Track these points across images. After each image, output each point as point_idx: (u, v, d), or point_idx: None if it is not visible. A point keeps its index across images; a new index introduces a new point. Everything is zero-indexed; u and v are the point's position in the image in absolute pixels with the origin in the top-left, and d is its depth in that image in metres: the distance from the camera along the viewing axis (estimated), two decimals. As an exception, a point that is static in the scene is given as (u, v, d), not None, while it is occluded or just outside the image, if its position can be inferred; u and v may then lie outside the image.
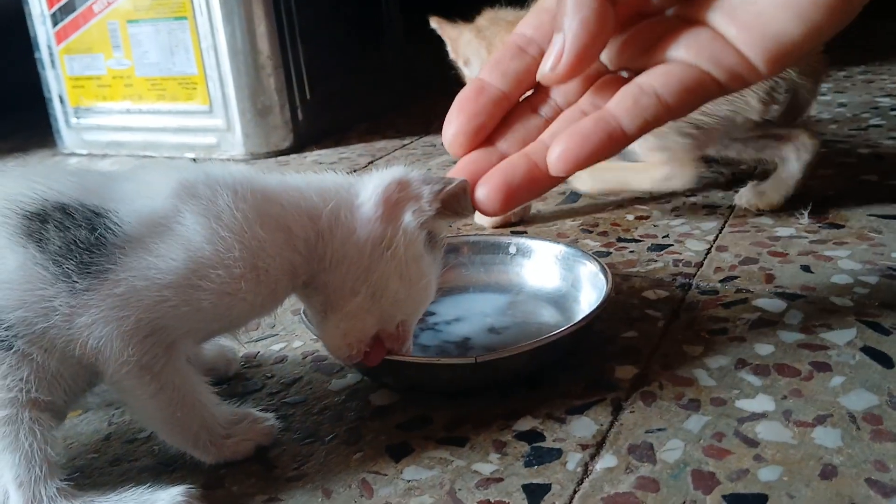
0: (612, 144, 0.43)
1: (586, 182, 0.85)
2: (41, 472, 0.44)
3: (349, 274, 0.50)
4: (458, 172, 0.47)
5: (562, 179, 0.45)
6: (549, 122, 0.47)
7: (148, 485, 0.46)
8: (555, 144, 0.43)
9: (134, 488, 0.45)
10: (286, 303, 0.52)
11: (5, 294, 0.43)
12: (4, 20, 1.63)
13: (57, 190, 0.45)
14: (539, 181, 0.45)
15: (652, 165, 0.81)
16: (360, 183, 0.51)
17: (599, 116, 0.43)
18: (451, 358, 0.57)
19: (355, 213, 0.49)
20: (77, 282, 0.43)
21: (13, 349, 0.43)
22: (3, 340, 0.43)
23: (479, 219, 0.84)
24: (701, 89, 0.43)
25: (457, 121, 0.47)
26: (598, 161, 0.43)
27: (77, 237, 0.44)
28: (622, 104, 0.43)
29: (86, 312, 0.44)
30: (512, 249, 0.68)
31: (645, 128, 0.43)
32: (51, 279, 0.43)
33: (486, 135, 0.47)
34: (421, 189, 0.49)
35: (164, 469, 0.50)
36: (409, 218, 0.49)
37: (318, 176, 0.52)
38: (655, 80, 0.43)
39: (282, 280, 0.48)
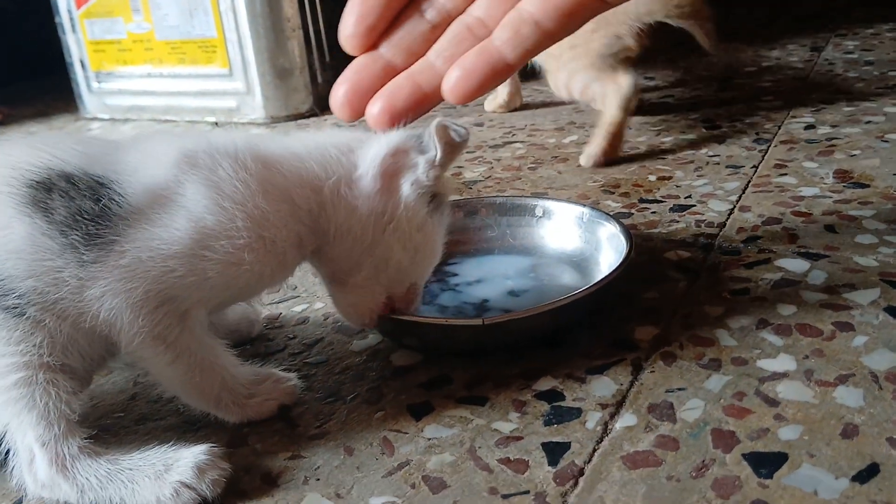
0: (498, 75, 0.47)
1: (588, 157, 0.86)
2: (60, 430, 0.45)
3: (353, 248, 0.50)
4: (344, 81, 0.49)
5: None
6: (434, 28, 0.49)
7: (171, 443, 0.47)
8: (446, 78, 0.47)
9: (158, 447, 0.45)
10: (307, 265, 0.53)
11: (15, 263, 0.44)
12: (24, -15, 1.63)
13: (61, 159, 0.45)
14: (423, 103, 0.49)
15: (605, 96, 0.87)
16: (361, 148, 0.50)
17: (483, 48, 0.47)
18: (459, 319, 0.57)
19: (355, 187, 0.49)
20: (84, 253, 0.44)
21: (25, 315, 0.44)
22: (15, 307, 0.44)
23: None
24: (581, 9, 0.46)
25: (350, 21, 0.49)
26: (491, 89, 0.48)
27: (82, 207, 0.44)
28: (504, 35, 0.46)
29: (94, 285, 0.44)
30: (538, 212, 0.67)
31: (527, 56, 0.47)
32: (58, 250, 0.44)
33: (378, 35, 0.49)
34: (416, 160, 0.49)
35: (188, 427, 0.50)
36: (407, 190, 0.50)
37: (319, 139, 0.51)
38: (534, 7, 0.46)
39: (289, 250, 0.49)
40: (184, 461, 0.44)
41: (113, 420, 0.52)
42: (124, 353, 0.47)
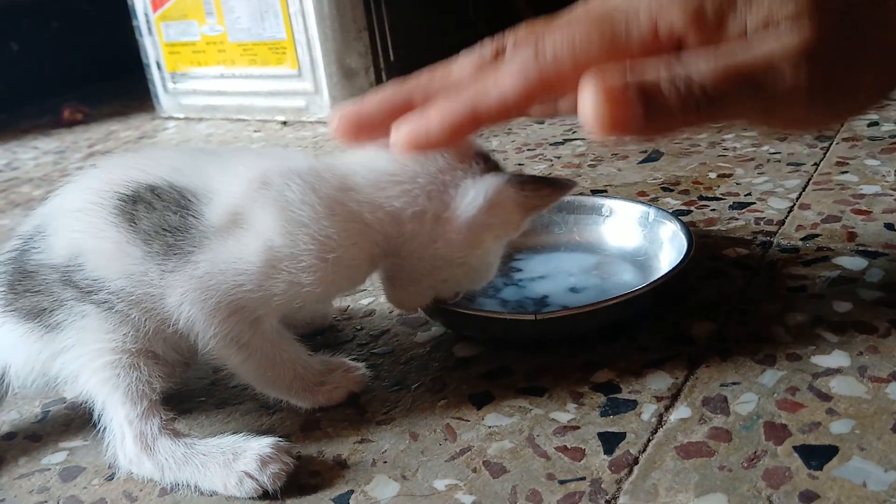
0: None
1: None
2: (143, 409, 0.49)
3: (420, 269, 0.52)
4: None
5: None
6: None
7: (249, 427, 0.50)
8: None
9: (232, 434, 0.49)
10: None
11: (106, 265, 0.48)
12: (104, -11, 1.70)
13: (150, 172, 0.50)
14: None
15: None
16: (456, 187, 0.49)
17: None
18: (514, 313, 0.60)
19: (441, 226, 0.49)
20: (163, 262, 0.48)
21: (115, 309, 0.49)
22: (105, 301, 0.49)
23: None
24: None
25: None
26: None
27: (165, 219, 0.48)
28: None
29: (173, 293, 0.48)
30: (605, 211, 0.69)
31: None
32: (141, 256, 0.48)
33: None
34: (512, 216, 0.50)
35: (265, 412, 0.54)
36: (491, 242, 0.51)
37: (411, 168, 0.50)
38: None
39: (360, 266, 0.51)
40: (250, 452, 0.47)
41: (195, 404, 0.56)
42: (203, 350, 0.50)
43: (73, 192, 0.52)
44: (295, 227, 0.47)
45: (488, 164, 0.51)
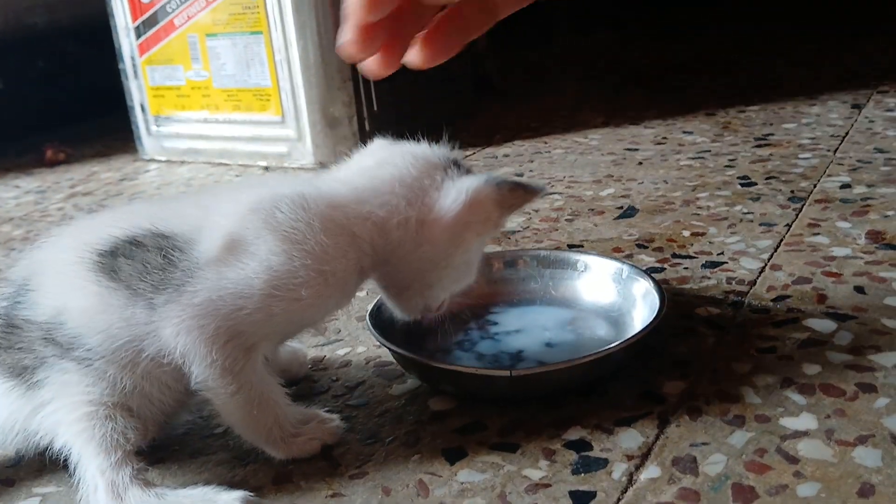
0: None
1: None
2: (115, 459, 0.49)
3: (408, 274, 0.55)
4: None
5: None
6: None
7: (222, 478, 0.50)
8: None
9: (203, 486, 0.49)
10: (351, 309, 0.56)
11: (86, 322, 0.50)
12: (91, 32, 1.71)
13: (128, 227, 0.51)
14: None
15: None
16: (435, 190, 0.53)
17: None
18: (488, 369, 0.60)
19: (425, 229, 0.53)
20: (153, 298, 0.49)
21: (93, 366, 0.50)
22: (85, 359, 0.50)
23: None
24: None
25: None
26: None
27: (147, 261, 0.49)
28: None
29: (169, 324, 0.49)
30: (581, 266, 0.70)
31: None
32: (125, 301, 0.49)
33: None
34: (491, 212, 0.54)
35: (238, 463, 0.54)
36: (473, 240, 0.54)
37: (386, 175, 0.53)
38: None
39: (350, 278, 0.53)
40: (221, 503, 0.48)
41: (168, 453, 0.56)
42: (196, 383, 0.50)
43: (54, 250, 0.53)
44: (289, 245, 0.49)
45: (461, 169, 0.55)
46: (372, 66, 0.51)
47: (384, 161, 0.54)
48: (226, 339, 0.49)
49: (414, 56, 0.51)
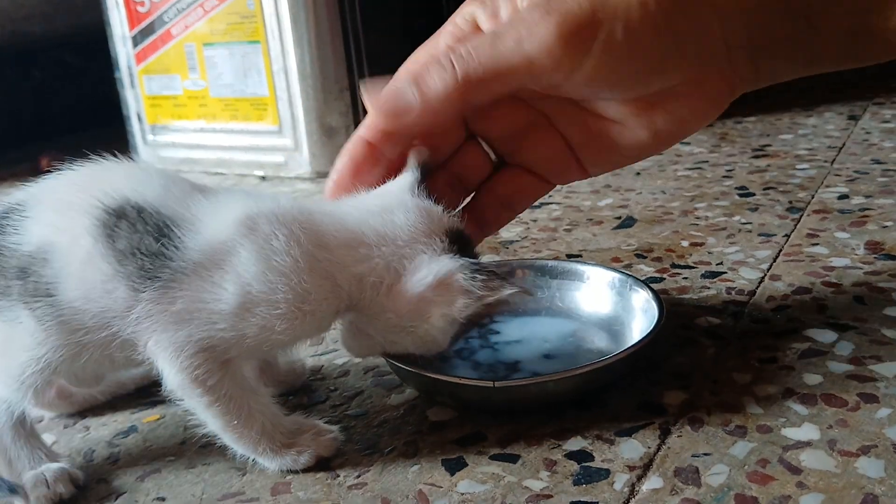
0: None
1: None
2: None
3: (375, 327, 0.53)
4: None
5: None
6: None
7: (219, 488, 0.49)
8: None
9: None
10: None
11: (67, 270, 0.48)
12: (88, 41, 1.71)
13: (139, 190, 0.50)
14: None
15: None
16: (412, 258, 0.51)
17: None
18: (472, 380, 0.59)
19: (392, 295, 0.51)
20: (138, 284, 0.48)
21: (47, 326, 0.49)
22: (44, 317, 0.49)
23: None
24: (537, 194, 0.59)
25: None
26: None
27: (145, 243, 0.48)
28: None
29: (144, 321, 0.48)
30: (586, 277, 0.70)
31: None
32: (112, 273, 0.48)
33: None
34: (457, 299, 0.51)
35: (235, 472, 0.53)
36: (437, 319, 0.52)
37: (379, 226, 0.51)
38: (508, 191, 0.58)
39: (326, 318, 0.52)
40: None
41: (164, 463, 0.55)
42: (168, 391, 0.50)
43: (66, 184, 0.52)
44: (275, 276, 0.48)
45: (457, 243, 0.52)
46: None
47: (387, 210, 0.52)
48: (195, 350, 0.48)
49: None
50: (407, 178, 0.54)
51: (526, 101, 0.56)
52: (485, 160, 0.58)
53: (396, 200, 0.53)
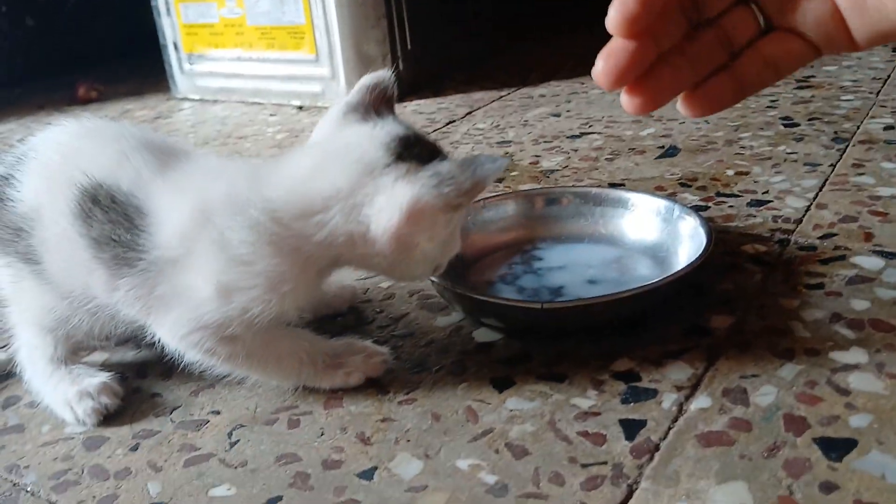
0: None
1: None
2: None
3: (375, 268, 0.51)
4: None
5: None
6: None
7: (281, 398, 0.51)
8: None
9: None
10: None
11: (50, 242, 0.51)
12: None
13: (115, 169, 0.50)
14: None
15: None
16: (369, 205, 0.47)
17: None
18: (520, 301, 0.60)
19: (369, 243, 0.48)
20: (115, 271, 0.49)
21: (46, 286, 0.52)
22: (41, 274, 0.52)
23: None
24: (804, 59, 0.49)
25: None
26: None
27: (117, 233, 0.49)
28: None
29: (134, 303, 0.50)
30: (630, 205, 0.69)
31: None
32: (91, 255, 0.50)
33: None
34: (436, 217, 0.48)
35: (289, 388, 0.54)
36: (426, 243, 0.49)
37: (320, 193, 0.48)
38: (774, 52, 0.49)
39: (312, 283, 0.51)
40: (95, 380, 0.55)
41: (219, 380, 0.56)
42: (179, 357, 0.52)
43: (54, 141, 0.53)
44: (240, 266, 0.48)
45: (407, 149, 0.48)
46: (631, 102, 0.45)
47: (318, 167, 0.49)
48: (189, 330, 0.49)
49: (680, 105, 0.47)
50: (333, 114, 0.52)
51: None
52: (753, 22, 0.55)
53: (322, 153, 0.50)
